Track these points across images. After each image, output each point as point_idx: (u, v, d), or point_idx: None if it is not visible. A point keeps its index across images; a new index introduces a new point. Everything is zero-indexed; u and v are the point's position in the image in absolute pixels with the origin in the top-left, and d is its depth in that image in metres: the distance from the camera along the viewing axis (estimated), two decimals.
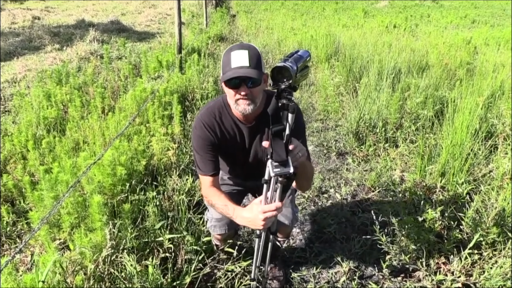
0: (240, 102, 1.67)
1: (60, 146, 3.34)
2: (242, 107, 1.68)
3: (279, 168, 1.47)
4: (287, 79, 1.39)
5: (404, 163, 3.66)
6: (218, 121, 1.86)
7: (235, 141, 1.89)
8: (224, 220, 2.08)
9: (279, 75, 1.41)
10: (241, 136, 1.89)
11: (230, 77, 1.59)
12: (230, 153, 1.96)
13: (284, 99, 1.44)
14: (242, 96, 1.65)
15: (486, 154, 3.54)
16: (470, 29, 12.02)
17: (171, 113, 4.01)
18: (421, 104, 4.32)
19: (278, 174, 1.47)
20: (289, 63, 1.37)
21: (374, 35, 8.92)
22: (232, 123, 1.86)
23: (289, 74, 1.38)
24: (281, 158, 1.47)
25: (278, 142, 1.50)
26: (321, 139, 4.34)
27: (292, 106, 1.43)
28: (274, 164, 1.47)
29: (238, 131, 1.87)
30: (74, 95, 4.42)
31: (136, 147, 3.13)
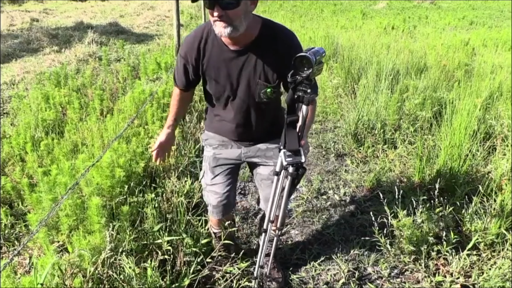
0: (216, 24, 1.55)
1: (59, 148, 3.34)
2: (217, 29, 1.56)
3: (291, 157, 1.55)
4: (307, 67, 1.42)
5: (402, 164, 3.66)
6: (207, 39, 1.74)
7: (222, 64, 1.75)
8: (220, 207, 2.09)
9: (300, 64, 1.44)
10: (228, 60, 1.73)
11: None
12: (217, 79, 1.80)
13: (300, 91, 1.48)
14: (216, 17, 1.53)
15: (485, 155, 3.55)
16: (468, 30, 12.07)
17: None
18: (419, 106, 4.33)
19: (291, 163, 1.54)
20: (309, 54, 1.41)
21: (372, 37, 8.94)
22: (217, 45, 1.73)
23: (310, 64, 1.41)
24: (294, 147, 1.55)
25: (291, 132, 1.57)
26: (320, 141, 4.34)
27: (307, 98, 1.49)
28: (287, 154, 1.56)
29: (224, 54, 1.73)
30: (72, 97, 4.42)
31: (134, 149, 3.13)
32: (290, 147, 1.56)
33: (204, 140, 2.12)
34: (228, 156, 2.03)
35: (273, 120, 1.97)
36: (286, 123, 1.56)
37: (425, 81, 5.06)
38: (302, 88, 1.49)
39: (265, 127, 1.95)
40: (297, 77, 1.47)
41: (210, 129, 2.07)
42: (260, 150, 1.99)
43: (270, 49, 1.69)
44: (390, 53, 6.38)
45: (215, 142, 2.04)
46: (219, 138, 2.03)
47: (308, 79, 1.46)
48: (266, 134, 1.98)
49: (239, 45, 1.69)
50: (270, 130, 1.97)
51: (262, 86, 1.74)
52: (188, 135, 3.96)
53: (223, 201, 2.05)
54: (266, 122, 1.94)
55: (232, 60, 1.73)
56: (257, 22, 1.68)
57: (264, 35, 1.69)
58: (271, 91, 1.75)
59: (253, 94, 1.78)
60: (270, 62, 1.71)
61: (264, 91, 1.75)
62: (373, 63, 5.53)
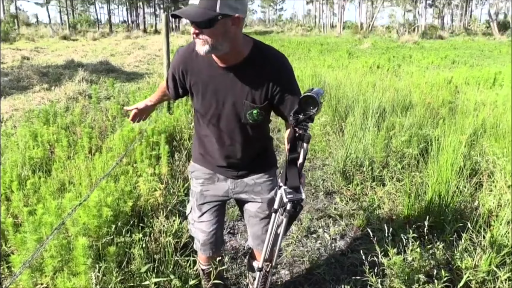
0: (195, 41, 1.58)
1: (45, 187, 3.30)
2: (196, 46, 1.59)
3: (292, 194, 1.57)
4: (313, 107, 1.47)
5: (391, 201, 3.68)
6: (194, 55, 1.73)
7: (210, 79, 1.74)
8: (208, 245, 2.05)
9: (306, 104, 1.48)
10: (216, 76, 1.72)
11: (173, 12, 1.55)
12: (204, 94, 1.77)
13: (301, 129, 1.53)
14: (194, 35, 1.55)
15: (472, 191, 3.59)
16: (451, 69, 12.45)
17: (158, 153, 4.01)
18: (406, 143, 4.40)
19: (292, 199, 1.57)
20: (313, 93, 1.47)
21: (358, 75, 9.17)
22: (208, 60, 1.71)
23: (316, 103, 1.47)
24: (295, 184, 1.58)
25: (292, 168, 1.59)
26: (309, 179, 4.35)
27: (307, 136, 1.53)
28: (288, 191, 1.58)
29: (213, 70, 1.72)
30: (61, 135, 4.40)
31: (123, 187, 3.10)
32: (291, 184, 1.58)
33: (190, 172, 2.08)
34: (216, 193, 2.00)
35: (260, 149, 1.96)
36: (288, 160, 1.58)
37: (410, 118, 5.16)
38: (303, 127, 1.52)
39: (252, 155, 1.92)
40: (299, 116, 1.50)
41: (197, 161, 2.03)
42: (247, 186, 1.96)
43: (260, 70, 1.69)
44: (376, 91, 6.53)
45: (201, 176, 2.00)
46: (205, 171, 1.99)
47: (310, 118, 1.50)
48: (253, 164, 1.94)
49: (228, 64, 1.68)
50: (258, 161, 1.95)
51: (249, 107, 1.72)
52: (177, 173, 3.95)
53: (210, 239, 2.03)
54: (253, 149, 1.90)
55: (221, 77, 1.71)
56: (248, 42, 1.69)
57: (255, 56, 1.69)
58: (257, 113, 1.74)
59: (239, 114, 1.75)
60: (258, 83, 1.70)
61: (250, 112, 1.73)
62: (359, 101, 5.64)
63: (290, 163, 1.59)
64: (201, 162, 2.00)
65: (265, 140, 1.98)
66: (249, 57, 1.68)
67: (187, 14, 1.49)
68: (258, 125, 1.81)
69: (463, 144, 3.75)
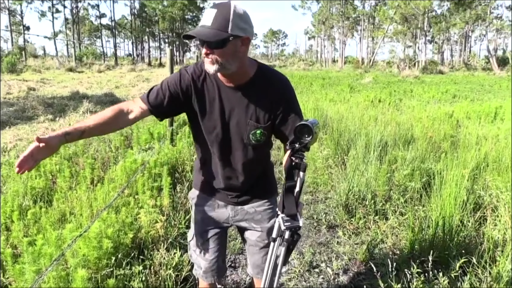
0: (205, 60, 1.64)
1: (46, 217, 3.28)
2: (205, 65, 1.64)
3: (289, 222, 1.60)
4: (308, 135, 1.54)
5: (394, 235, 3.63)
6: (204, 75, 1.77)
7: (216, 98, 1.76)
8: (210, 273, 2.03)
9: (301, 132, 1.55)
10: (222, 95, 1.76)
11: (186, 33, 1.60)
12: (210, 113, 1.78)
13: (297, 158, 1.58)
14: (204, 55, 1.62)
15: (476, 226, 3.55)
16: (452, 103, 12.54)
17: (160, 184, 4.01)
18: (408, 176, 4.39)
19: (289, 227, 1.59)
20: (308, 122, 1.54)
21: (360, 109, 9.25)
22: (214, 82, 1.77)
23: (311, 131, 1.53)
24: (292, 212, 1.61)
25: (289, 196, 1.62)
26: (311, 212, 4.32)
27: (303, 165, 1.58)
28: (285, 219, 1.61)
29: (220, 89, 1.76)
30: (63, 166, 4.41)
31: (123, 219, 3.09)
32: (288, 212, 1.61)
33: (191, 199, 2.08)
34: (217, 220, 1.99)
35: (261, 173, 1.96)
36: (285, 188, 1.61)
37: (412, 152, 5.17)
38: (299, 156, 1.58)
39: (252, 179, 1.92)
40: (295, 144, 1.56)
41: (197, 187, 2.03)
42: (248, 214, 1.96)
43: (265, 91, 1.75)
44: (378, 125, 6.57)
45: (202, 203, 2.00)
46: (205, 198, 2.00)
47: (305, 146, 1.56)
48: (253, 190, 1.95)
49: (234, 83, 1.74)
50: (258, 187, 1.96)
51: (253, 127, 1.76)
52: (178, 205, 3.93)
53: (212, 266, 2.02)
54: (254, 172, 1.91)
55: (227, 96, 1.76)
56: (253, 64, 1.77)
57: (260, 77, 1.75)
58: (261, 133, 1.77)
59: (243, 134, 1.78)
60: (263, 104, 1.75)
61: (253, 132, 1.77)
62: (361, 135, 5.67)
63: (287, 191, 1.62)
64: (202, 189, 2.01)
65: (266, 164, 2.00)
66: (254, 78, 1.75)
67: (202, 35, 1.56)
68: (260, 147, 1.84)
69: (465, 178, 3.74)
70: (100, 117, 1.69)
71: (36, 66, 33.53)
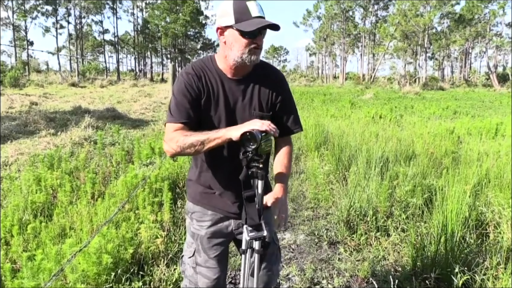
0: (252, 51, 1.72)
1: (46, 232, 3.27)
2: (254, 57, 1.73)
3: (253, 232, 1.60)
4: (253, 143, 1.57)
5: (396, 252, 3.60)
6: (204, 71, 1.83)
7: (221, 92, 1.81)
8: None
9: (246, 140, 1.58)
10: (227, 88, 1.82)
11: (257, 26, 1.65)
12: (216, 107, 1.81)
13: (253, 167, 1.61)
14: (257, 45, 1.71)
15: (478, 243, 3.52)
16: (453, 119, 12.56)
17: (161, 200, 4.00)
18: (410, 192, 4.37)
19: (253, 237, 1.60)
20: (255, 131, 1.56)
21: (361, 125, 9.26)
22: (216, 76, 1.82)
23: (255, 140, 1.55)
24: (255, 222, 1.61)
25: (250, 207, 1.64)
26: (312, 228, 4.29)
27: (261, 173, 1.61)
28: (249, 229, 1.61)
29: (224, 83, 1.82)
30: (64, 180, 4.41)
31: (124, 234, 3.07)
32: (251, 222, 1.62)
33: (190, 213, 2.01)
34: (221, 236, 1.96)
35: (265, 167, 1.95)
36: (244, 198, 1.63)
37: (414, 168, 5.16)
38: (255, 164, 1.61)
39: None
40: (248, 154, 1.58)
41: (196, 200, 1.98)
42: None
43: (264, 81, 1.86)
44: (379, 141, 6.58)
45: (203, 218, 1.96)
46: (206, 212, 1.95)
47: (258, 155, 1.58)
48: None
49: (238, 75, 1.83)
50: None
51: (257, 116, 1.80)
52: (179, 220, 3.91)
53: (215, 286, 1.97)
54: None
55: (230, 89, 1.83)
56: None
57: (259, 69, 1.87)
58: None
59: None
60: (263, 93, 1.85)
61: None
62: (362, 151, 5.67)
63: (247, 201, 1.63)
64: (201, 201, 1.96)
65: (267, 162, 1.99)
66: (254, 70, 1.85)
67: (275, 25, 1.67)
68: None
69: (467, 194, 3.73)
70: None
71: (39, 80, 33.81)
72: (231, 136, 1.60)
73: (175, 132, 1.73)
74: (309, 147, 7.43)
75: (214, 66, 1.84)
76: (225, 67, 1.82)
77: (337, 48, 73.60)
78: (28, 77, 36.37)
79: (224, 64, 1.82)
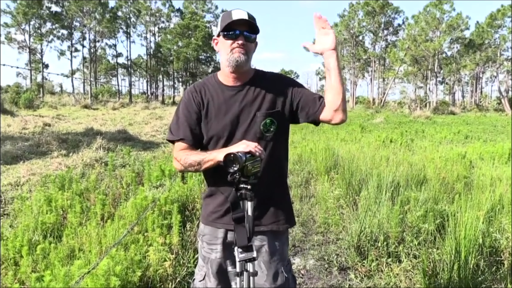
0: (235, 51, 1.79)
1: (55, 253, 3.27)
2: (236, 55, 1.79)
3: (244, 253, 1.60)
4: (235, 164, 1.59)
5: (408, 279, 3.53)
6: (205, 86, 1.93)
7: (222, 102, 1.88)
8: None
9: (229, 161, 1.61)
10: (228, 98, 1.88)
11: (234, 18, 1.76)
12: (218, 117, 1.88)
13: (242, 189, 1.62)
14: (238, 45, 1.79)
15: (493, 270, 3.44)
16: (464, 144, 12.45)
17: (170, 222, 3.99)
18: (421, 218, 4.31)
19: (243, 259, 1.59)
20: (240, 153, 1.61)
21: (371, 149, 9.22)
22: (216, 87, 1.91)
23: (238, 161, 1.58)
24: (243, 243, 1.61)
25: (240, 228, 1.64)
26: (322, 253, 4.23)
27: (249, 194, 1.62)
28: (239, 251, 1.61)
29: (224, 93, 1.89)
30: (75, 201, 4.43)
31: (132, 256, 3.06)
32: (240, 243, 1.61)
33: (201, 236, 2.01)
34: (232, 259, 1.90)
35: (280, 170, 1.95)
36: (233, 219, 1.64)
37: (425, 193, 5.09)
38: (243, 186, 1.62)
39: (272, 177, 1.89)
40: (235, 175, 1.60)
41: (208, 220, 1.97)
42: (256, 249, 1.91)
43: (264, 82, 1.91)
44: (389, 165, 6.53)
45: (214, 241, 1.94)
46: (216, 234, 1.94)
47: (245, 176, 1.60)
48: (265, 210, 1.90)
49: (240, 82, 1.89)
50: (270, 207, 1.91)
51: (261, 117, 1.84)
52: (188, 243, 3.89)
53: None
54: (271, 170, 1.88)
55: (232, 98, 1.88)
56: (252, 67, 1.97)
57: (258, 74, 1.95)
58: (270, 122, 1.85)
59: (253, 130, 1.85)
60: (265, 93, 1.89)
61: (264, 123, 1.84)
62: (373, 175, 5.63)
63: (236, 222, 1.64)
64: (212, 221, 1.96)
65: (281, 166, 1.98)
66: (254, 76, 1.93)
67: (251, 22, 1.79)
68: (272, 140, 1.88)
69: (480, 220, 3.66)
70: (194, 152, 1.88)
71: (53, 102, 34.38)
72: (219, 158, 1.69)
73: (180, 152, 1.88)
74: (319, 171, 7.39)
75: (215, 79, 1.94)
76: (224, 77, 1.91)
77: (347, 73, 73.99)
78: (42, 99, 37.04)
79: (223, 75, 1.92)
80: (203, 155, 1.80)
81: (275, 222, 1.93)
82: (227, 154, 1.60)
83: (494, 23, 51.34)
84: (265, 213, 1.91)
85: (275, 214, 1.93)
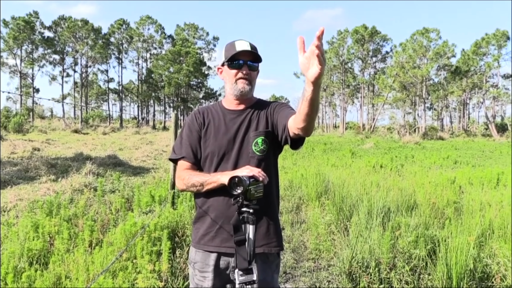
0: (239, 81, 1.92)
1: (41, 280, 3.19)
2: (241, 85, 1.92)
3: (244, 276, 1.62)
4: (239, 186, 1.64)
5: None
6: (208, 109, 2.07)
7: (222, 123, 1.99)
8: None
9: (233, 184, 1.66)
10: (227, 120, 1.99)
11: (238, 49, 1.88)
12: (216, 135, 1.97)
13: (244, 213, 1.66)
14: (243, 75, 1.92)
15: None
16: (453, 169, 12.55)
17: (159, 249, 3.93)
18: (413, 243, 4.30)
19: (243, 282, 1.61)
20: (244, 177, 1.65)
21: (362, 175, 9.26)
22: (219, 110, 2.03)
23: (241, 184, 1.63)
24: (243, 266, 1.63)
25: (241, 250, 1.66)
26: (313, 280, 4.19)
27: (251, 218, 1.66)
28: (239, 273, 1.63)
29: (225, 116, 2.00)
30: (62, 227, 4.36)
31: (120, 284, 3.00)
32: (240, 266, 1.63)
33: (193, 263, 1.99)
34: (225, 282, 1.94)
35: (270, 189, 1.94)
36: (234, 242, 1.66)
37: (416, 218, 5.10)
38: (245, 210, 1.66)
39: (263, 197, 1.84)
40: (238, 199, 1.65)
41: (199, 244, 1.96)
42: None
43: (262, 107, 2.03)
44: (380, 191, 6.54)
45: (205, 268, 1.92)
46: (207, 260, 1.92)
47: (248, 199, 1.65)
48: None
49: (241, 107, 2.01)
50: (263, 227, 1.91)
51: (253, 137, 1.93)
52: (177, 270, 3.83)
53: None
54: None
55: (232, 120, 1.99)
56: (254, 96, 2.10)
57: (259, 102, 2.08)
58: (262, 141, 1.93)
59: (246, 149, 1.93)
60: (260, 116, 1.99)
61: (255, 141, 1.93)
62: (364, 201, 5.63)
63: (238, 244, 1.66)
64: (204, 245, 1.94)
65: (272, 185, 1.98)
66: (256, 103, 2.05)
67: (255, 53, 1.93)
68: (265, 159, 1.93)
69: (471, 245, 3.67)
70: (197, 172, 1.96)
71: (43, 127, 34.22)
72: (223, 181, 1.76)
73: (183, 171, 1.94)
74: (310, 197, 7.38)
75: (219, 105, 2.08)
76: (228, 103, 2.04)
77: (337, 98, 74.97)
78: (32, 123, 36.84)
79: (227, 101, 2.04)
80: (206, 177, 1.86)
81: (266, 245, 1.92)
82: (232, 177, 1.66)
83: (479, 51, 52.71)
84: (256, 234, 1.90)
85: (267, 235, 1.94)
